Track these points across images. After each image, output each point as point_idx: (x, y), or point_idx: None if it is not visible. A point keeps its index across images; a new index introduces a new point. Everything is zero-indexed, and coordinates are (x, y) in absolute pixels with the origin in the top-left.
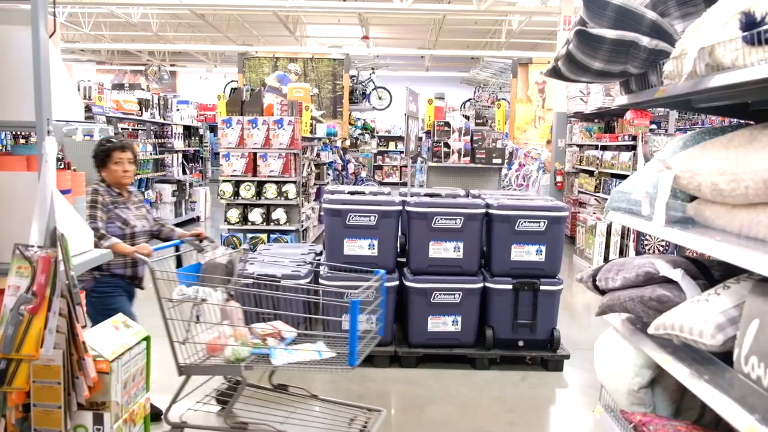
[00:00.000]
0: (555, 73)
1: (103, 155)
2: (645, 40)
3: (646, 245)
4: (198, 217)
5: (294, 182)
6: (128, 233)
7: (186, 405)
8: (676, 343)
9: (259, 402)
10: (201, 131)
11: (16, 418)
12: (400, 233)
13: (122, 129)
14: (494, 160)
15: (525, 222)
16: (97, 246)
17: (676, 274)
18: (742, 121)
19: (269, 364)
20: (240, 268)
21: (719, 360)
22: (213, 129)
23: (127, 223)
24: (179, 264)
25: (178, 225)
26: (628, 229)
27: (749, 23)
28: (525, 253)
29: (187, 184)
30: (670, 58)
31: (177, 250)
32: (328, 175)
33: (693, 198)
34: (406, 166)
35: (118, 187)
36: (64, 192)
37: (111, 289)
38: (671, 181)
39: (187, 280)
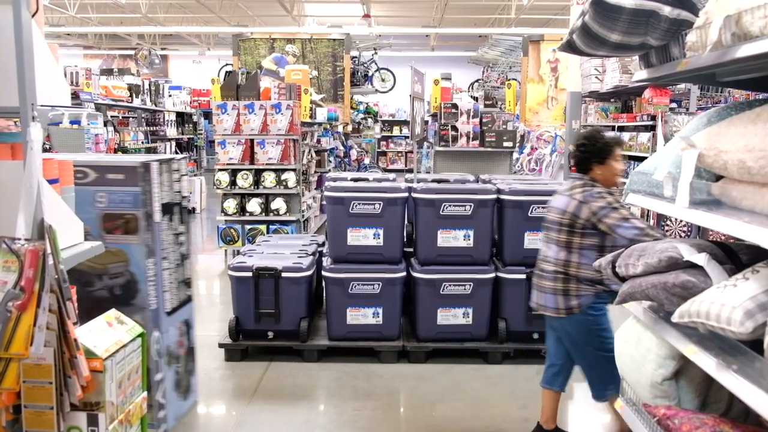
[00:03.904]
0: (570, 47)
1: (605, 151)
2: (666, 10)
3: (667, 230)
4: (193, 209)
5: (294, 170)
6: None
7: None
8: (701, 332)
9: None
10: (195, 118)
11: (7, 420)
12: (406, 222)
13: (112, 117)
14: (505, 144)
15: (540, 207)
16: (647, 237)
17: (701, 259)
18: None
19: None
20: None
21: (749, 349)
22: (207, 115)
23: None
24: None
25: None
26: (648, 213)
27: None
28: (540, 241)
29: None
30: (694, 28)
31: None
32: (330, 162)
33: (718, 177)
34: (411, 152)
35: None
36: (51, 181)
37: (604, 307)
38: (695, 159)
39: None
